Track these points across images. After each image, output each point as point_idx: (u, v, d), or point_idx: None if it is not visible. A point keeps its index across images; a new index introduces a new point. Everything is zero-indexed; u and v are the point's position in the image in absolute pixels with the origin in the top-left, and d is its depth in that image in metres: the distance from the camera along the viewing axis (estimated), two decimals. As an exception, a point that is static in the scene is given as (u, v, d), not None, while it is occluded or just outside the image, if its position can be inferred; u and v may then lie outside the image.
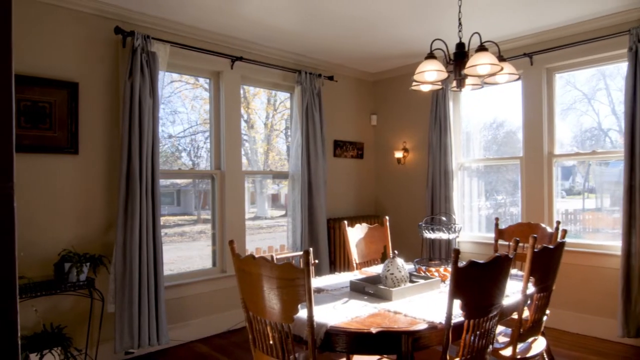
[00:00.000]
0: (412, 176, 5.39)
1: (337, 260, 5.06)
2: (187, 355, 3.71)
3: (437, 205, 4.87)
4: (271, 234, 5.42)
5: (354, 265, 3.25)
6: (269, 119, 5.20)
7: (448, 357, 1.84)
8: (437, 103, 4.88)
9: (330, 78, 5.15)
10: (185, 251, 4.52)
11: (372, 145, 5.83)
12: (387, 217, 3.63)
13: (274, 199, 5.73)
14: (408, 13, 3.72)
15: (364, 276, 2.81)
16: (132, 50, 3.51)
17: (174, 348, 3.84)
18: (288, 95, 5.13)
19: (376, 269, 3.12)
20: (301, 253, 2.41)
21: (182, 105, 4.32)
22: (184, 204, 4.97)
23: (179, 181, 4.64)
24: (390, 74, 5.58)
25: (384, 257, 3.48)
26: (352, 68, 5.48)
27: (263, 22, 3.89)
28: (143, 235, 3.50)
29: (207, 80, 4.41)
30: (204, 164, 4.45)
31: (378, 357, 2.48)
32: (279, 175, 5.15)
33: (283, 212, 5.44)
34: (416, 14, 3.74)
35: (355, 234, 3.38)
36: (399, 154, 5.48)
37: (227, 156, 4.35)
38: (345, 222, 3.32)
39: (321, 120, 4.91)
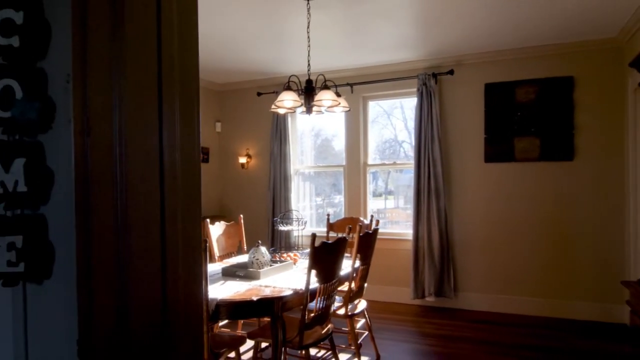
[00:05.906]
0: (255, 180, 6.03)
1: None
2: None
3: (277, 205, 5.61)
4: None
5: (215, 257, 3.71)
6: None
7: (307, 313, 2.52)
8: (278, 117, 5.63)
9: (180, 86, 5.42)
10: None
11: (217, 151, 6.28)
12: (241, 216, 4.19)
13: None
14: (258, 40, 4.35)
15: (227, 265, 3.31)
16: None
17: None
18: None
19: (235, 260, 3.65)
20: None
21: None
22: None
23: None
24: (236, 86, 6.13)
25: (239, 250, 4.03)
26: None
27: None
28: None
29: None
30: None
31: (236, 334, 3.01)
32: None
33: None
34: (265, 43, 4.40)
35: (216, 230, 3.84)
36: (242, 160, 6.07)
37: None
38: (208, 220, 3.76)
39: (172, 126, 5.15)
